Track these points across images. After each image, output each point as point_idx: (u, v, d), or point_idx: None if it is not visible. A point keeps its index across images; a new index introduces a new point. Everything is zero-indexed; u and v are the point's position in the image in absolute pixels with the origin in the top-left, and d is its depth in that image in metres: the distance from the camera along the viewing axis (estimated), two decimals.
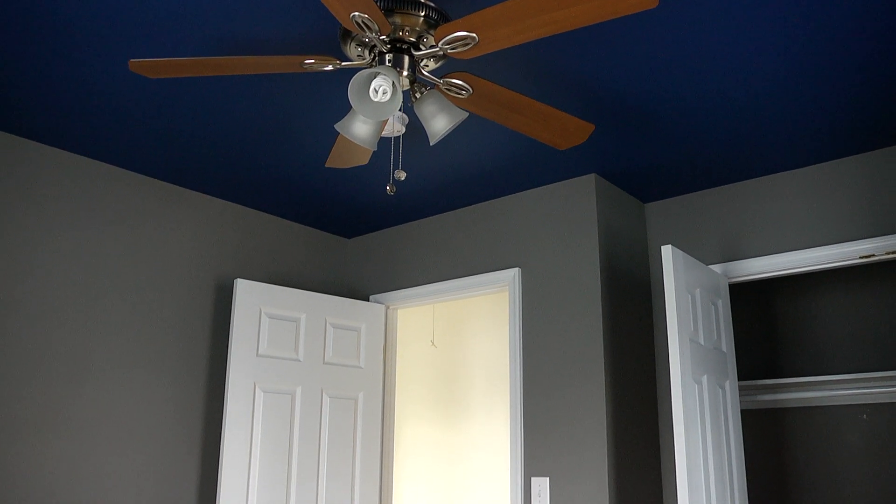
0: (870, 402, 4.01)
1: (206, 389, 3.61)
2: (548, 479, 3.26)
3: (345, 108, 2.85)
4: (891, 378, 3.88)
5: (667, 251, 2.98)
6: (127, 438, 3.28)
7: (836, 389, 4.08)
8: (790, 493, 4.18)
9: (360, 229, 4.32)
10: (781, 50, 2.43)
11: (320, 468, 3.73)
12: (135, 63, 2.05)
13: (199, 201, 3.75)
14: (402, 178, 2.08)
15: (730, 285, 3.88)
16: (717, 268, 3.50)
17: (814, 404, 4.17)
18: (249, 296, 3.65)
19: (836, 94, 2.72)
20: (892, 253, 3.08)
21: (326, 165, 2.67)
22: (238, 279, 3.65)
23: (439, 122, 2.09)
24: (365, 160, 2.65)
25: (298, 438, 3.67)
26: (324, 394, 3.82)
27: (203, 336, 3.65)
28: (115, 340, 3.31)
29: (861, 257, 3.15)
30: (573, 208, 3.48)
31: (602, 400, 3.19)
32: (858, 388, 4.00)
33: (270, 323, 3.69)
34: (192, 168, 3.44)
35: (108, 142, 3.16)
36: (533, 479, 3.31)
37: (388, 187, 2.10)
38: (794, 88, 2.68)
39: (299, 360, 3.76)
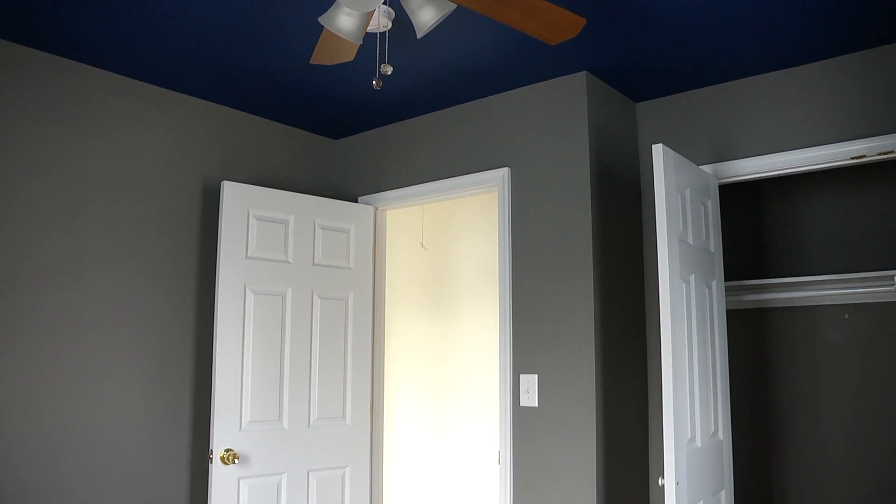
0: (852, 301, 4.08)
1: (196, 292, 3.63)
2: (536, 376, 3.33)
3: (329, 1, 2.75)
4: (873, 279, 3.93)
5: (657, 150, 2.95)
6: (119, 338, 3.31)
7: (820, 290, 4.13)
8: (772, 389, 4.30)
9: (348, 130, 4.25)
10: None
11: (312, 367, 3.79)
12: None
13: (183, 102, 3.66)
14: (389, 73, 2.03)
15: (720, 186, 3.86)
16: (707, 168, 3.48)
17: (798, 304, 4.24)
18: (237, 198, 3.62)
19: None
20: (884, 154, 3.06)
21: (311, 62, 2.60)
22: (225, 181, 3.61)
23: (426, 14, 2.03)
24: (351, 56, 2.57)
25: (290, 339, 3.72)
26: (314, 295, 3.84)
27: (192, 239, 3.64)
28: (103, 244, 3.29)
29: (853, 158, 3.13)
30: (564, 107, 3.42)
31: (590, 298, 3.22)
32: (842, 289, 4.06)
33: (259, 225, 3.68)
34: (175, 68, 3.34)
35: (87, 42, 3.05)
36: (522, 376, 3.38)
37: (374, 81, 2.05)
38: None
39: (289, 262, 3.77)
